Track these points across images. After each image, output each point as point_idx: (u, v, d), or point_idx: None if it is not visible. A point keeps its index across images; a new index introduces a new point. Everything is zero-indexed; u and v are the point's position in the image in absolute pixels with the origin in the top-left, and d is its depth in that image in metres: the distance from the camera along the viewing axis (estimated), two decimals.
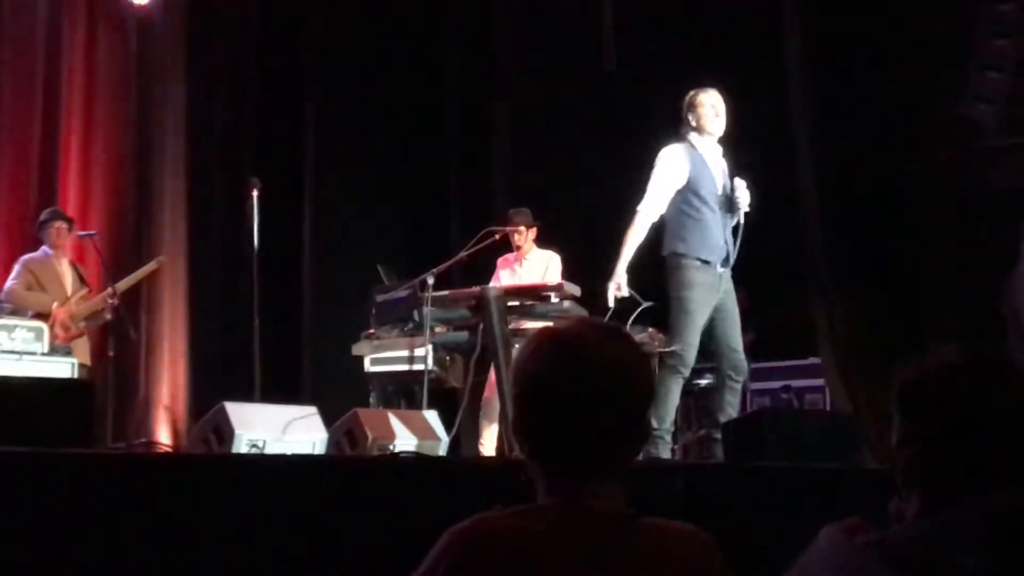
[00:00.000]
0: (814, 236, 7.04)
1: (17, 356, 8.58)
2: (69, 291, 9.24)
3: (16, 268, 9.29)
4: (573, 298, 7.58)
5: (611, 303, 7.13)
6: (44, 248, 9.37)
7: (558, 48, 10.83)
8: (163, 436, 10.78)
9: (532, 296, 7.70)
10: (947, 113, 8.76)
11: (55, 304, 9.07)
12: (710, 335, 7.14)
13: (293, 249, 11.73)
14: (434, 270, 7.83)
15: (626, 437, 2.20)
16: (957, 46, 8.83)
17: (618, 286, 7.17)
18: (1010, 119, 8.66)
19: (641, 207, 7.24)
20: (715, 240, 7.18)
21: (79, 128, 11.12)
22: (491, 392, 8.48)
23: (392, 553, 3.32)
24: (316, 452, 6.58)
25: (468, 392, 7.70)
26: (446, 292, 7.94)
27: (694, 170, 7.21)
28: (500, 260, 9.30)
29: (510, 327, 7.49)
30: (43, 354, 8.77)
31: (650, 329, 9.08)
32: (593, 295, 8.04)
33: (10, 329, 8.75)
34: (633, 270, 7.28)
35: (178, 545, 3.99)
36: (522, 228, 9.15)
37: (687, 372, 7.11)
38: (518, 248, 9.19)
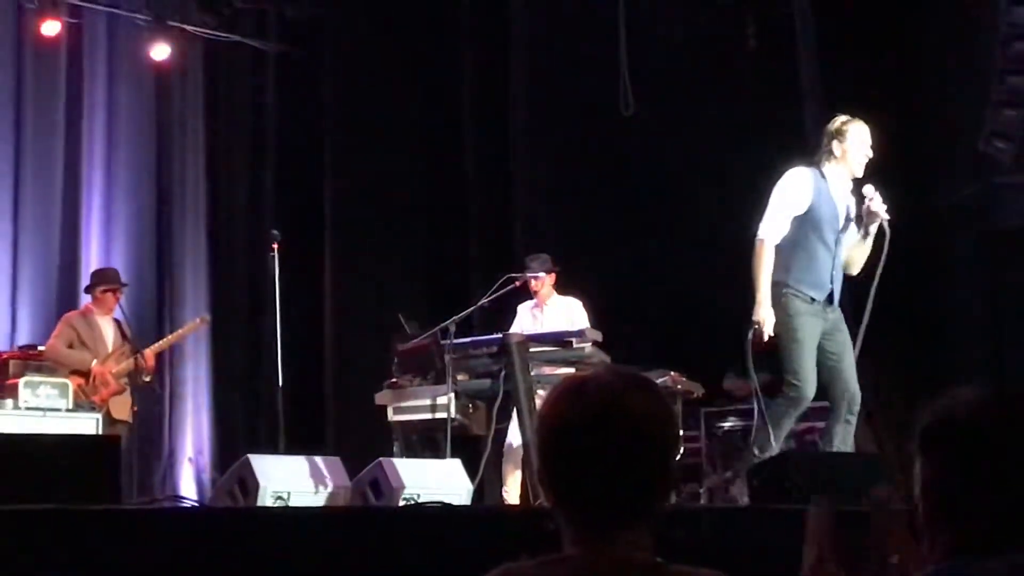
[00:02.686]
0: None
1: (42, 413, 8.60)
2: (111, 347, 9.24)
3: (59, 325, 9.31)
4: (595, 344, 7.57)
5: (766, 338, 6.70)
6: (87, 304, 9.38)
7: (575, 93, 10.88)
8: (188, 490, 10.78)
9: (554, 343, 7.70)
10: (968, 150, 8.76)
11: (95, 361, 9.07)
12: (822, 367, 6.73)
13: (315, 300, 11.76)
14: (455, 318, 7.84)
15: (653, 485, 2.19)
16: (975, 83, 8.84)
17: (768, 323, 6.68)
18: None
19: (762, 233, 6.77)
20: (822, 276, 6.79)
21: (101, 183, 11.19)
22: (514, 439, 8.46)
23: None
24: (341, 503, 6.57)
25: (491, 439, 7.68)
26: (468, 340, 7.94)
27: (817, 199, 6.77)
28: (520, 307, 9.30)
29: (532, 374, 7.48)
30: (67, 410, 8.77)
31: (672, 373, 9.09)
32: (614, 340, 8.04)
33: (35, 386, 8.77)
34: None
35: None
36: (541, 274, 9.12)
37: (804, 405, 6.72)
38: (536, 294, 9.17)
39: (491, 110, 11.92)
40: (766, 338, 6.73)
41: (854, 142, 6.79)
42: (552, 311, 9.14)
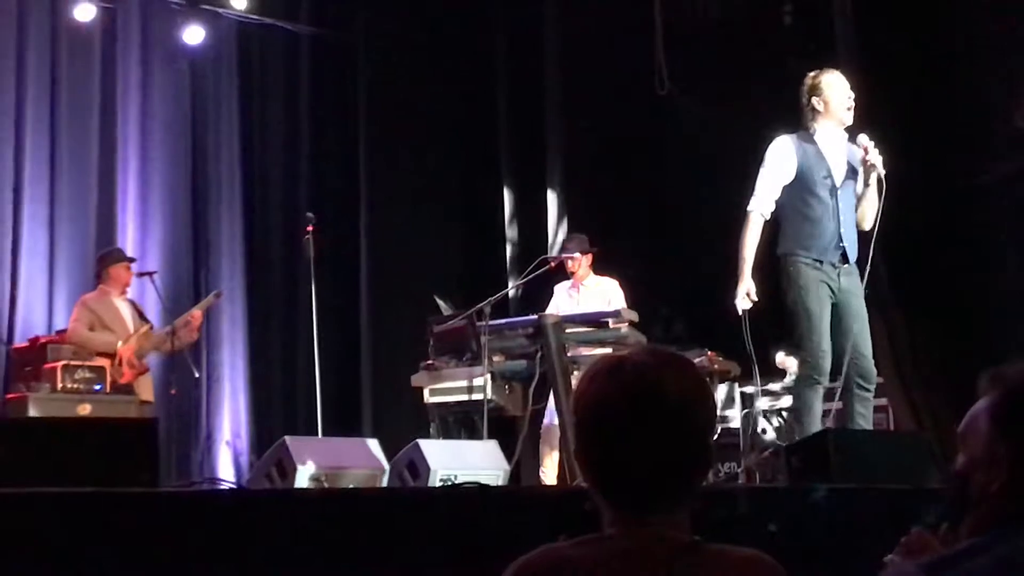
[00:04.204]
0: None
1: (80, 397, 8.64)
2: (131, 328, 9.26)
3: (76, 309, 9.33)
4: (631, 324, 7.55)
5: (740, 311, 6.71)
6: (102, 286, 9.39)
7: (609, 72, 10.84)
8: (226, 472, 10.83)
9: (590, 323, 7.69)
10: (1003, 127, 8.68)
11: (119, 343, 9.09)
12: (833, 338, 6.65)
13: (350, 283, 11.79)
14: (491, 299, 7.83)
15: (690, 465, 2.18)
16: (1015, 57, 8.75)
17: (748, 293, 6.70)
18: None
19: (751, 205, 6.80)
20: (828, 238, 6.71)
21: (136, 167, 11.23)
22: (551, 420, 8.45)
23: None
24: (378, 485, 6.58)
25: (528, 420, 7.68)
26: (503, 321, 7.94)
27: (804, 163, 6.75)
28: (557, 287, 9.29)
29: (568, 354, 7.47)
30: (106, 394, 8.82)
31: (708, 352, 9.06)
32: (650, 319, 8.02)
33: (72, 370, 8.81)
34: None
35: None
36: (577, 255, 9.12)
37: (824, 380, 6.62)
38: (573, 274, 9.16)
39: (526, 91, 11.89)
40: (739, 310, 6.70)
41: (833, 92, 6.77)
42: (589, 292, 9.13)
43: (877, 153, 6.72)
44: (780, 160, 6.79)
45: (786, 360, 9.73)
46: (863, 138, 6.76)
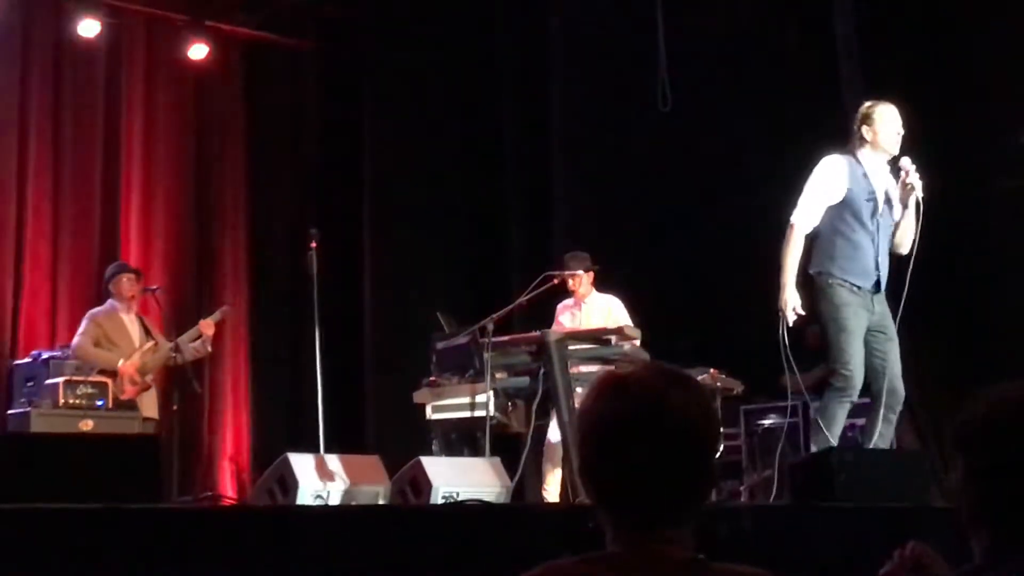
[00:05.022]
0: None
1: (82, 412, 8.64)
2: (137, 344, 9.25)
3: (84, 323, 9.30)
4: (634, 341, 7.54)
5: (789, 324, 6.66)
6: (111, 301, 9.38)
7: (612, 89, 10.84)
8: (228, 488, 10.82)
9: (593, 340, 7.68)
10: (1012, 141, 8.68)
11: (121, 361, 9.08)
12: (868, 360, 6.67)
13: (354, 299, 11.78)
14: (494, 316, 7.83)
15: (694, 482, 2.17)
16: (1017, 74, 8.76)
17: (792, 307, 6.64)
18: None
19: (794, 219, 6.73)
20: (867, 264, 6.72)
21: (139, 183, 11.24)
22: (554, 437, 8.44)
23: None
24: (380, 501, 6.57)
25: (531, 437, 7.67)
26: (506, 338, 7.93)
27: (853, 186, 6.72)
28: (560, 305, 9.28)
29: (571, 371, 7.46)
30: (108, 410, 8.81)
31: (711, 370, 9.06)
32: (653, 338, 8.01)
33: (75, 386, 8.81)
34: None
35: None
36: (579, 272, 9.11)
37: (854, 396, 6.63)
38: (574, 292, 9.15)
39: (530, 106, 11.90)
40: (790, 323, 6.66)
41: (883, 123, 6.76)
42: (591, 309, 9.12)
43: (918, 177, 6.71)
44: (832, 179, 6.75)
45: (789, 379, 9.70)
46: (906, 160, 6.75)
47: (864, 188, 6.75)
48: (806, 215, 6.74)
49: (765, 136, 9.82)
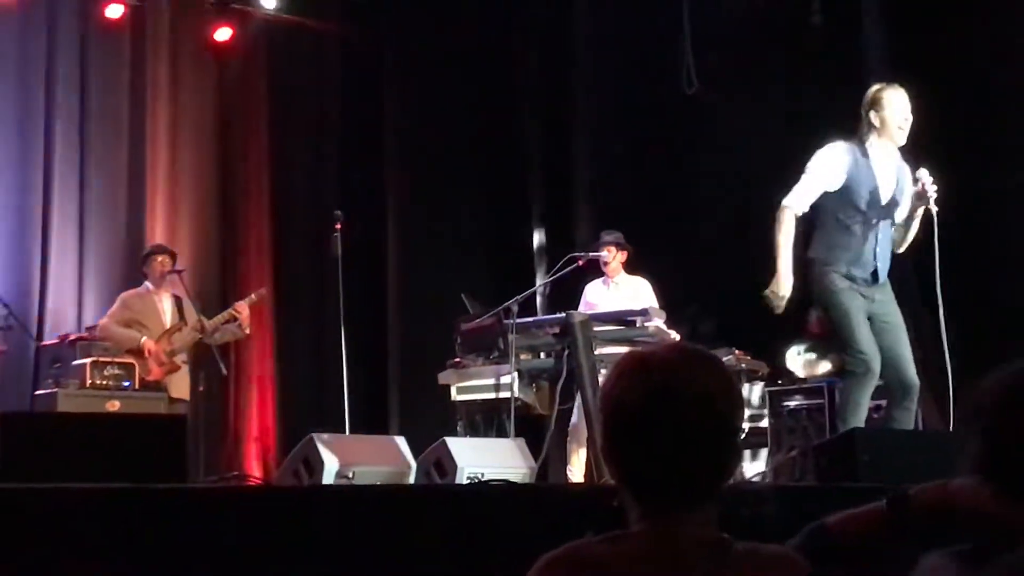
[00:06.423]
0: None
1: (109, 393, 8.68)
2: (168, 325, 9.29)
3: (115, 304, 9.37)
4: (660, 323, 7.54)
5: (781, 309, 6.59)
6: (145, 283, 9.43)
7: (637, 71, 10.82)
8: (254, 469, 10.86)
9: (617, 321, 7.68)
10: None
11: (143, 339, 9.11)
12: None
13: (378, 281, 11.80)
14: (518, 297, 7.85)
15: (717, 462, 2.17)
16: None
17: (782, 295, 6.54)
18: None
19: (785, 201, 6.60)
20: (863, 254, 6.60)
21: (164, 165, 11.27)
22: (578, 418, 8.45)
23: None
24: (405, 482, 6.59)
25: (555, 418, 7.68)
26: (531, 319, 7.94)
27: (855, 175, 6.58)
28: (587, 286, 9.29)
29: (596, 353, 7.46)
30: (134, 390, 8.86)
31: (736, 351, 9.05)
32: (678, 318, 8.00)
33: (101, 367, 8.85)
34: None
35: None
36: (612, 248, 9.12)
37: (874, 378, 6.49)
38: (606, 265, 9.15)
39: (553, 88, 11.89)
40: (780, 310, 6.58)
41: (890, 111, 6.60)
42: (620, 289, 9.14)
43: (935, 191, 6.57)
44: (830, 167, 6.61)
45: (796, 361, 9.69)
46: (923, 173, 6.60)
47: (867, 177, 6.61)
48: (798, 199, 6.61)
49: (788, 117, 9.78)
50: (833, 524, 2.45)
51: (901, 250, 6.85)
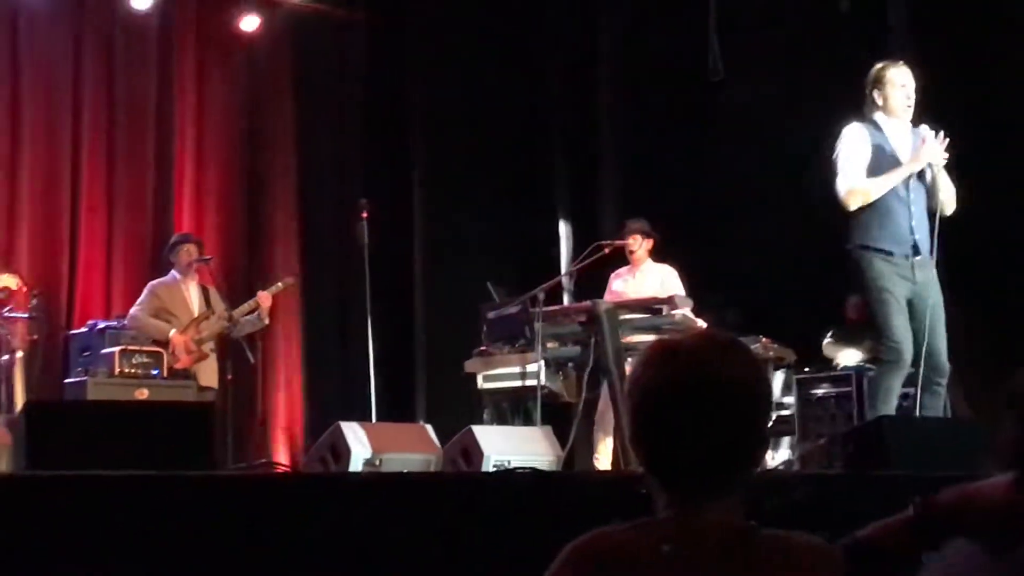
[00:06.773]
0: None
1: (137, 381, 8.73)
2: (195, 314, 9.33)
3: (143, 294, 9.41)
4: (686, 311, 7.53)
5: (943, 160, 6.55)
6: (173, 272, 9.47)
7: (663, 59, 10.79)
8: (281, 456, 10.90)
9: (644, 309, 7.67)
10: None
11: (173, 331, 9.15)
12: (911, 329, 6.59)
13: (404, 269, 11.81)
14: (544, 286, 7.84)
15: (745, 450, 2.17)
16: None
17: (930, 147, 6.54)
18: None
19: (841, 186, 6.65)
20: (899, 229, 6.61)
21: (192, 154, 11.30)
22: (605, 406, 8.45)
23: (511, 569, 3.31)
24: (432, 470, 6.60)
25: (582, 406, 7.67)
26: (557, 307, 7.93)
27: (876, 151, 6.65)
28: (613, 274, 9.28)
29: (622, 341, 7.46)
30: (163, 379, 8.90)
31: (763, 339, 9.03)
32: (705, 308, 7.98)
33: (130, 355, 8.90)
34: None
35: (296, 564, 4.02)
36: (638, 236, 9.11)
37: (906, 367, 6.55)
38: (631, 253, 9.13)
39: (579, 76, 11.86)
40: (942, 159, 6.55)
41: (892, 88, 6.67)
42: (645, 277, 9.12)
43: (934, 147, 6.60)
44: (857, 142, 6.67)
45: (834, 348, 9.68)
46: (924, 129, 6.66)
47: (887, 152, 6.67)
48: (852, 176, 6.64)
49: (815, 103, 9.74)
50: (864, 537, 2.45)
51: (948, 212, 6.77)
